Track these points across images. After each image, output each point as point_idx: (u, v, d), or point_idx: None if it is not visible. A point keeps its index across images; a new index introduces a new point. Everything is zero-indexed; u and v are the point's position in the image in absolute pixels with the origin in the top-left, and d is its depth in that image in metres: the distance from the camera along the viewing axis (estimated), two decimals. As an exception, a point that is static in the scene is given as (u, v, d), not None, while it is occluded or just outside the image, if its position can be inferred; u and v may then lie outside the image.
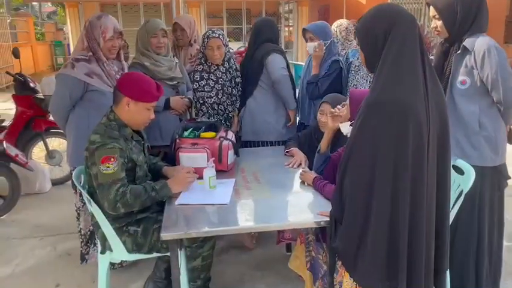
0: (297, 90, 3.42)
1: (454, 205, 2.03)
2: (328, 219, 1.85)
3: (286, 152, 2.87)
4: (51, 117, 4.38)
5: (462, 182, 2.13)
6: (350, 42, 3.53)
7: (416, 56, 1.52)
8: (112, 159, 2.07)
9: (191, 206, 2.10)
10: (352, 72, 3.19)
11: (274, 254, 3.13)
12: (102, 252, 2.30)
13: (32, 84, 4.65)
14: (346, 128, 2.24)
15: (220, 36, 3.13)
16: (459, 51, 2.27)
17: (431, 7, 2.30)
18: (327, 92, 2.91)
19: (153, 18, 3.15)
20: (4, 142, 3.89)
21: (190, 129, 2.77)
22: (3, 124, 4.41)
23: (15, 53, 4.60)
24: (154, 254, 2.30)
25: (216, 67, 3.21)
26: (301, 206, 2.08)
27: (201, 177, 2.32)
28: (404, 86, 1.49)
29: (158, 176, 2.47)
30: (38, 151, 4.85)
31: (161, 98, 2.99)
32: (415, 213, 1.52)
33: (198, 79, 3.24)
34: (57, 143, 4.87)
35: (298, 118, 3.44)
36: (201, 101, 3.27)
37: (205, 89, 3.25)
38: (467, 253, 2.32)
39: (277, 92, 3.19)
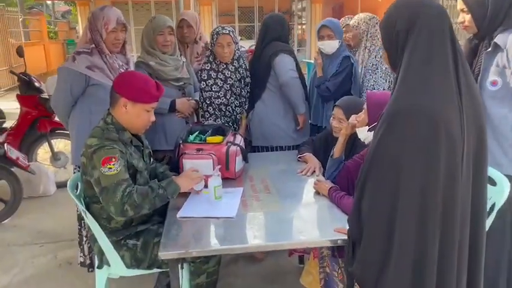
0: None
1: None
2: (345, 237, 1.66)
3: (299, 157, 2.67)
4: (56, 118, 4.25)
5: (494, 193, 1.90)
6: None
7: (447, 55, 1.30)
8: (113, 160, 1.90)
9: (194, 220, 1.92)
10: (370, 71, 2.97)
11: (285, 265, 2.94)
12: (99, 266, 2.13)
13: (37, 84, 4.54)
14: (363, 134, 2.04)
15: (231, 33, 2.95)
16: (489, 49, 2.06)
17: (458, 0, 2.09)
18: (338, 91, 2.71)
19: (160, 15, 2.98)
20: (5, 144, 3.75)
21: (196, 133, 2.59)
22: (4, 126, 4.29)
23: (19, 52, 4.48)
24: (155, 270, 2.12)
25: (224, 66, 3.03)
26: (316, 220, 1.88)
27: (206, 186, 2.14)
28: (434, 92, 1.27)
29: None
30: (42, 153, 4.73)
31: (166, 99, 2.85)
32: (444, 241, 1.31)
33: (206, 78, 3.06)
34: (62, 145, 4.75)
35: (310, 120, 3.24)
36: (208, 102, 3.09)
37: (213, 89, 3.07)
38: (496, 278, 2.10)
39: (285, 95, 2.99)
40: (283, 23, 3.10)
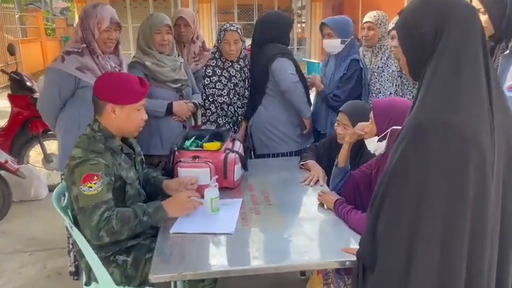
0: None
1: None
2: (354, 257, 1.51)
3: (302, 164, 2.52)
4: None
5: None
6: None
7: (479, 63, 1.15)
8: (95, 178, 1.74)
9: (188, 236, 1.77)
10: (375, 74, 2.82)
11: (287, 276, 2.78)
12: (87, 283, 1.99)
13: (28, 83, 4.39)
14: (373, 145, 1.89)
15: (238, 30, 2.84)
16: (507, 52, 1.93)
17: None
18: (349, 99, 2.55)
19: (157, 12, 2.83)
20: (-8, 147, 3.60)
21: (193, 139, 2.44)
22: (-3, 126, 4.14)
23: (11, 50, 4.32)
24: (147, 288, 1.97)
25: (230, 63, 2.91)
26: (321, 238, 1.73)
27: (202, 196, 1.98)
28: (464, 104, 1.11)
29: (158, 193, 2.15)
30: (34, 154, 4.57)
31: (163, 102, 2.71)
32: (471, 272, 1.16)
33: (210, 74, 2.94)
34: (55, 146, 4.54)
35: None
36: (211, 99, 2.96)
37: (217, 86, 2.94)
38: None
39: (288, 101, 2.84)
40: (278, 21, 2.91)
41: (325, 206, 2.00)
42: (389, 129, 1.78)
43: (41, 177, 4.28)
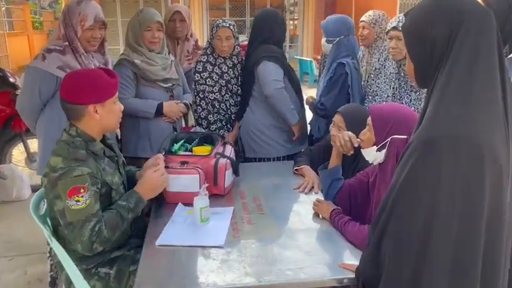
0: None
1: None
2: (352, 275, 1.42)
3: (295, 170, 2.41)
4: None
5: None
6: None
7: (495, 68, 1.05)
8: (82, 190, 1.61)
9: (176, 248, 1.65)
10: (372, 75, 2.72)
11: None
12: (67, 297, 1.86)
13: (11, 80, 4.23)
14: (371, 155, 1.79)
15: (231, 27, 2.75)
16: (510, 55, 1.83)
17: None
18: (336, 106, 2.45)
19: (148, 8, 2.70)
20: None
21: (181, 142, 2.32)
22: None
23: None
24: (131, 302, 1.85)
25: (222, 60, 2.83)
26: (317, 251, 1.63)
27: (191, 204, 1.87)
28: (480, 115, 1.01)
29: (134, 184, 2.03)
30: (17, 153, 4.41)
31: (152, 102, 2.59)
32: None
33: (201, 70, 2.85)
34: (39, 145, 4.43)
35: (309, 128, 2.98)
36: (201, 95, 2.88)
37: (207, 82, 2.85)
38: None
39: (272, 107, 2.72)
40: (273, 22, 2.79)
41: (320, 215, 1.90)
42: (389, 138, 1.68)
43: (24, 177, 4.13)
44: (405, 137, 1.65)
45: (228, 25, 2.73)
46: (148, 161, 2.01)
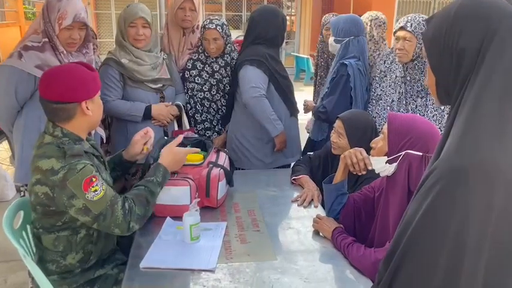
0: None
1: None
2: (358, 308, 1.27)
3: (293, 180, 2.26)
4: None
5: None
6: (385, 41, 2.87)
7: None
8: (94, 179, 1.53)
9: (162, 272, 1.50)
10: (377, 78, 2.56)
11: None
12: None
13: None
14: (379, 165, 1.63)
15: (218, 28, 2.58)
16: None
17: None
18: (337, 109, 2.30)
19: (135, 3, 2.52)
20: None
21: (171, 148, 2.15)
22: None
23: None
24: (113, 326, 1.70)
25: (213, 59, 2.69)
26: (318, 278, 1.47)
27: (180, 218, 1.71)
28: None
29: (126, 168, 2.03)
30: (1, 151, 4.23)
31: (140, 105, 2.42)
32: None
33: (190, 68, 2.73)
34: (24, 143, 4.24)
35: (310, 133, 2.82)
36: (190, 93, 2.75)
37: (196, 81, 2.72)
38: None
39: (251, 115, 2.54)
40: (270, 19, 2.57)
41: (321, 233, 1.75)
42: (403, 153, 1.52)
43: (8, 177, 3.94)
44: (421, 154, 1.50)
45: (214, 26, 2.57)
46: (136, 135, 1.98)
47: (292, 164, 2.61)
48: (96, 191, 1.52)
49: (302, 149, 2.87)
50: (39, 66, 2.00)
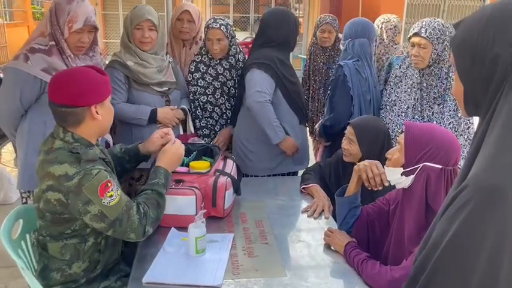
0: None
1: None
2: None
3: (303, 188, 2.18)
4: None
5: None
6: (396, 45, 2.79)
7: None
8: (109, 184, 1.50)
9: (164, 287, 1.42)
10: (391, 83, 2.48)
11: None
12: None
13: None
14: (394, 177, 1.55)
15: (222, 27, 2.50)
16: None
17: None
18: (341, 111, 2.21)
19: (142, 5, 2.47)
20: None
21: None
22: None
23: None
24: None
25: (217, 61, 2.61)
26: (330, 296, 1.39)
27: (185, 229, 1.64)
28: None
29: (139, 160, 1.95)
30: (5, 154, 4.19)
31: (145, 108, 2.36)
32: None
33: (193, 70, 2.66)
34: (29, 145, 4.20)
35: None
36: (191, 97, 2.68)
37: (199, 83, 2.64)
38: None
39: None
40: (281, 22, 2.47)
41: (332, 247, 1.67)
42: (421, 165, 1.44)
43: (12, 179, 3.89)
44: (440, 166, 1.41)
45: (218, 26, 2.49)
46: (154, 133, 1.91)
47: (300, 172, 2.54)
48: (111, 196, 1.49)
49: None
50: (45, 70, 1.95)
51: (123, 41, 2.41)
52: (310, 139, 2.78)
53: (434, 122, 2.25)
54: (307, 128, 3.05)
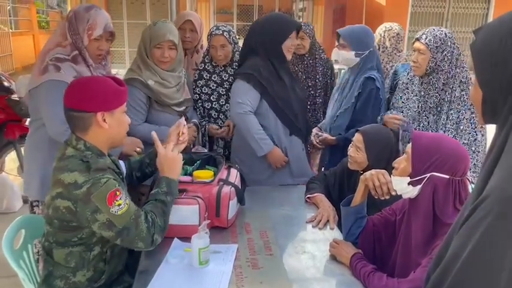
0: None
1: None
2: None
3: (308, 198, 2.15)
4: (26, 123, 3.72)
5: None
6: (400, 53, 2.78)
7: None
8: (118, 193, 1.50)
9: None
10: (399, 90, 2.46)
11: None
12: None
13: (6, 84, 3.98)
14: (400, 186, 1.53)
15: (225, 34, 2.51)
16: None
17: None
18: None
19: (163, 23, 2.36)
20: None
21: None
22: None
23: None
24: None
25: (222, 68, 2.62)
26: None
27: (188, 239, 1.62)
28: None
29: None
30: (9, 162, 4.18)
31: (164, 129, 2.18)
32: None
33: (197, 78, 2.68)
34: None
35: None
36: (196, 105, 2.69)
37: (203, 91, 2.65)
38: None
39: None
40: (270, 28, 2.34)
41: (337, 258, 1.64)
42: (428, 175, 1.42)
43: (15, 187, 3.88)
44: (447, 177, 1.39)
45: (221, 32, 2.51)
46: (171, 129, 1.89)
47: (299, 185, 2.43)
48: (120, 205, 1.49)
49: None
50: (76, 78, 1.91)
51: (142, 57, 2.34)
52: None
53: (430, 131, 2.24)
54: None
